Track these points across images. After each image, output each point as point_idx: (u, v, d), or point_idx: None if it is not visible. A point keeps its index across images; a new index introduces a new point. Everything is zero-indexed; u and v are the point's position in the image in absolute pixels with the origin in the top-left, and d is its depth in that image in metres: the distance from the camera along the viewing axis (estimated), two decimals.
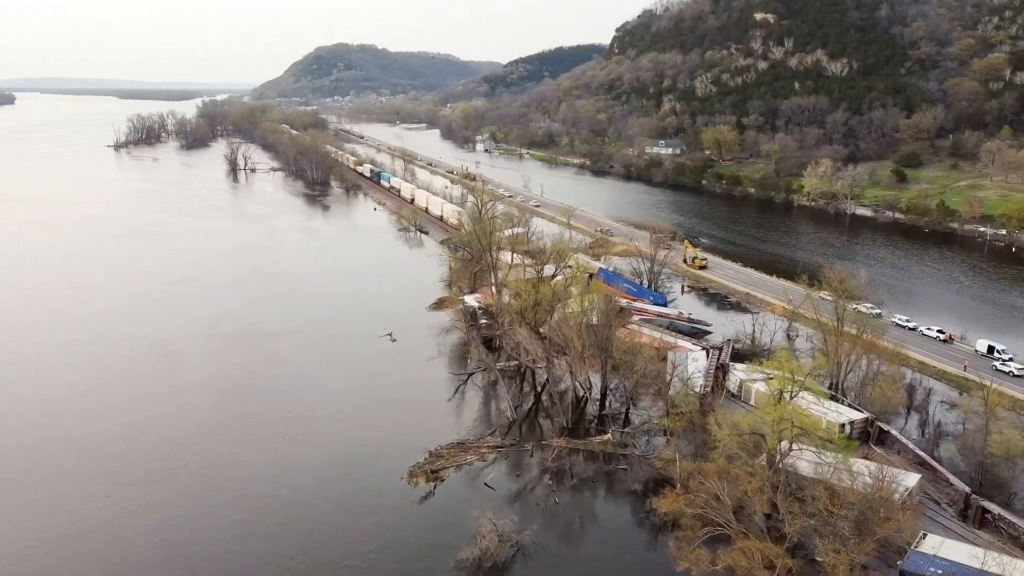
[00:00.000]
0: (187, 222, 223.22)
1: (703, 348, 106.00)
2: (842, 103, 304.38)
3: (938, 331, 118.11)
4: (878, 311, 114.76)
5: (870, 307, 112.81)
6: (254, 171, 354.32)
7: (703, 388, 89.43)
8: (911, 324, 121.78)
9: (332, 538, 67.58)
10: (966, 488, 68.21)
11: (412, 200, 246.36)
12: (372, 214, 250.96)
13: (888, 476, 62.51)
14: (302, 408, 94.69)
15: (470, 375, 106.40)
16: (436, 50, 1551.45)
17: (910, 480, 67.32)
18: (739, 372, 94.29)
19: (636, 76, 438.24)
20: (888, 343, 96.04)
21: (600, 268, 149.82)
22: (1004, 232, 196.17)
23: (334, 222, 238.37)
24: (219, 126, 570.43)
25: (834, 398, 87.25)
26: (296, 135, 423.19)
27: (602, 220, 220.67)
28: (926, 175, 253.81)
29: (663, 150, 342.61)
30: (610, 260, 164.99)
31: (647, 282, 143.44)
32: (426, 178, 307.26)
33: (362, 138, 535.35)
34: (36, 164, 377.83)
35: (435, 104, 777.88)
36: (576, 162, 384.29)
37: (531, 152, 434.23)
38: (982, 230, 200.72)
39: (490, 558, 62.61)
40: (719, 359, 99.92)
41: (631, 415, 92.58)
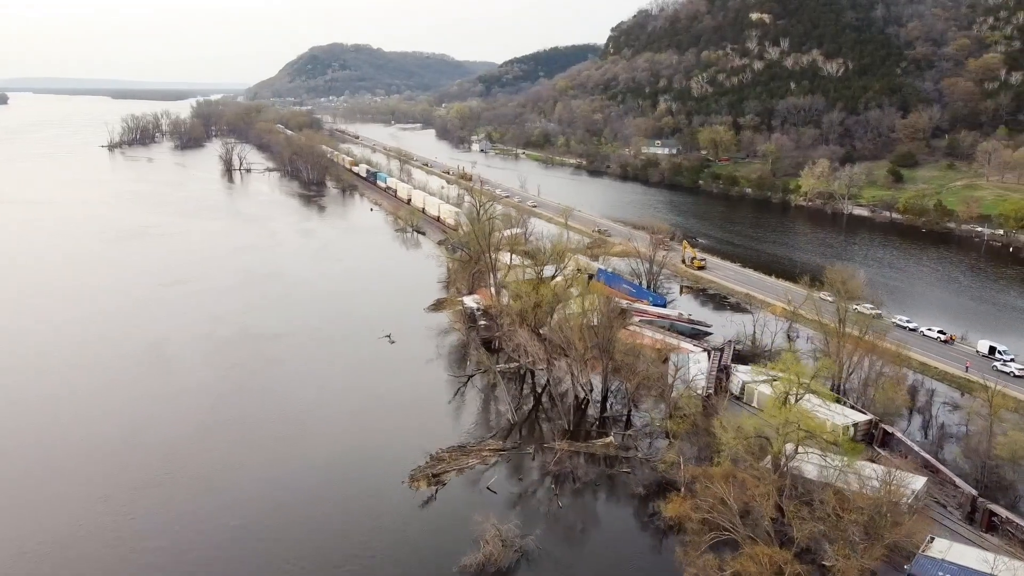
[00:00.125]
0: (183, 223, 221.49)
1: (705, 349, 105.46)
2: (838, 103, 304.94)
3: (939, 332, 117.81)
4: (878, 312, 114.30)
5: (870, 308, 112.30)
6: (249, 171, 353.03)
7: (705, 390, 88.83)
8: (912, 325, 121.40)
9: (333, 542, 66.74)
10: (973, 491, 67.60)
11: (409, 200, 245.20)
12: (369, 215, 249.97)
13: (895, 479, 61.92)
14: (301, 410, 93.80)
15: (470, 377, 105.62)
16: (431, 50, 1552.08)
17: (916, 483, 66.70)
18: (741, 374, 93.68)
19: (632, 76, 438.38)
20: (890, 344, 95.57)
21: (599, 269, 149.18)
22: (1001, 232, 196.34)
23: (331, 223, 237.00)
24: (213, 126, 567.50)
25: (838, 400, 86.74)
26: (291, 135, 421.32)
27: (599, 220, 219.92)
28: (922, 175, 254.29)
29: (659, 150, 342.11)
30: (608, 261, 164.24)
31: (646, 283, 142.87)
32: (422, 178, 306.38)
33: (357, 138, 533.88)
34: (30, 165, 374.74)
35: (430, 104, 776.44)
36: (572, 162, 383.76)
37: (527, 152, 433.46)
38: (979, 230, 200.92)
39: (494, 564, 61.87)
40: (721, 361, 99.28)
41: (633, 417, 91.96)
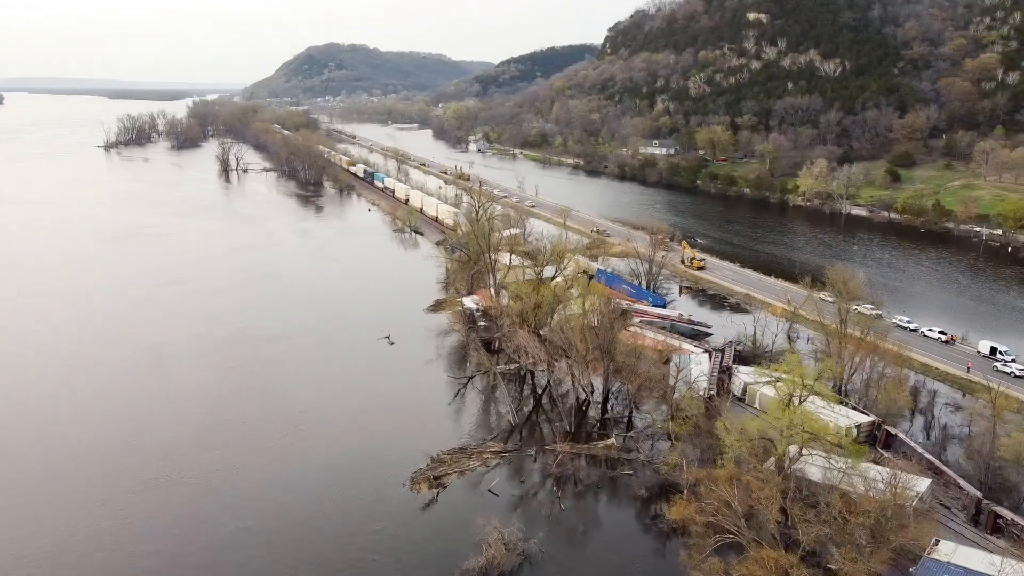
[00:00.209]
0: (179, 223, 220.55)
1: (706, 350, 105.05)
2: (835, 103, 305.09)
3: (940, 332, 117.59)
4: (879, 312, 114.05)
5: (871, 308, 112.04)
6: (246, 171, 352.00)
7: (707, 391, 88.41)
8: (912, 325, 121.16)
9: (334, 545, 66.13)
10: (977, 493, 67.22)
11: (407, 201, 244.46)
12: (366, 215, 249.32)
13: (900, 481, 61.56)
14: (300, 411, 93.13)
15: (470, 378, 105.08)
16: (428, 50, 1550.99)
17: (921, 485, 66.31)
18: (743, 375, 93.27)
19: (629, 76, 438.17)
20: (892, 345, 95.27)
21: (599, 269, 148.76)
22: (1000, 232, 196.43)
23: (328, 223, 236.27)
24: (210, 126, 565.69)
25: (840, 401, 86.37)
26: (288, 135, 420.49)
27: (598, 221, 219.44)
28: (920, 175, 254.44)
29: (657, 150, 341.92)
30: (608, 261, 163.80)
31: (646, 283, 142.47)
32: (420, 178, 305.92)
33: (354, 138, 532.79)
34: (27, 165, 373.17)
35: (427, 104, 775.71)
36: (570, 162, 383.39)
37: (524, 152, 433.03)
38: (978, 230, 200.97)
39: (496, 567, 61.27)
40: (722, 362, 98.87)
41: (634, 419, 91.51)
